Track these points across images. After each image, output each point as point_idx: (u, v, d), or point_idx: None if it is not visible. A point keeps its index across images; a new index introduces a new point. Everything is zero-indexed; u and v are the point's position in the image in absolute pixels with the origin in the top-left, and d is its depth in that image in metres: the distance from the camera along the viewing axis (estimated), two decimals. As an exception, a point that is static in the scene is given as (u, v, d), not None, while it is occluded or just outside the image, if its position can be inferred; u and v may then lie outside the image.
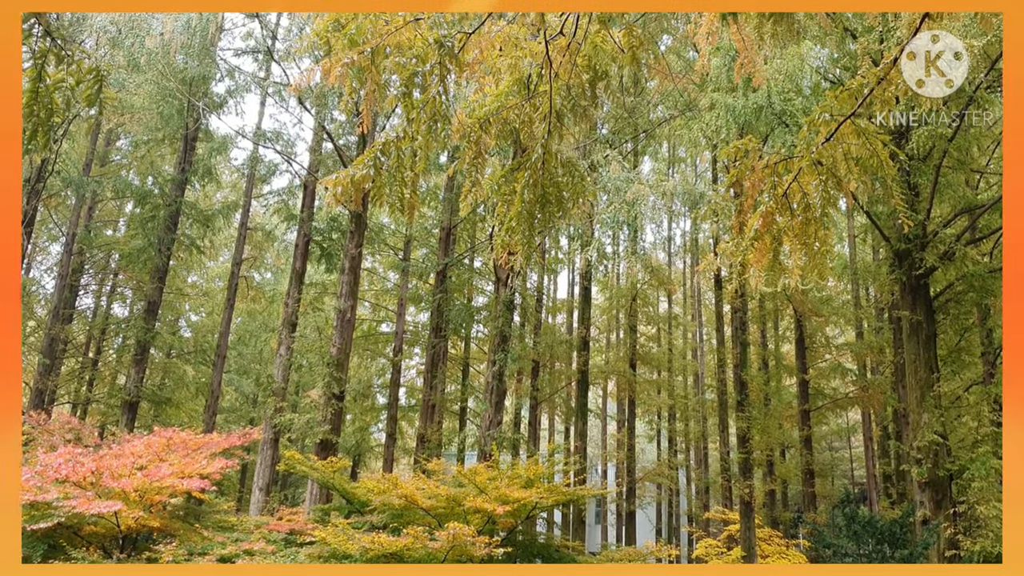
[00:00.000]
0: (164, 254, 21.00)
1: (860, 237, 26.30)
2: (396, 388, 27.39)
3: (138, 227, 22.19)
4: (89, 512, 10.17)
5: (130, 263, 22.79)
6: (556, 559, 13.20)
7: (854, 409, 29.70)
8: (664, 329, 35.80)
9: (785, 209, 6.86)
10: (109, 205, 29.86)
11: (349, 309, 17.67)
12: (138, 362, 20.79)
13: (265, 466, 17.69)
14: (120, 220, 31.09)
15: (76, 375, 30.95)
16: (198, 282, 36.72)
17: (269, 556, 10.87)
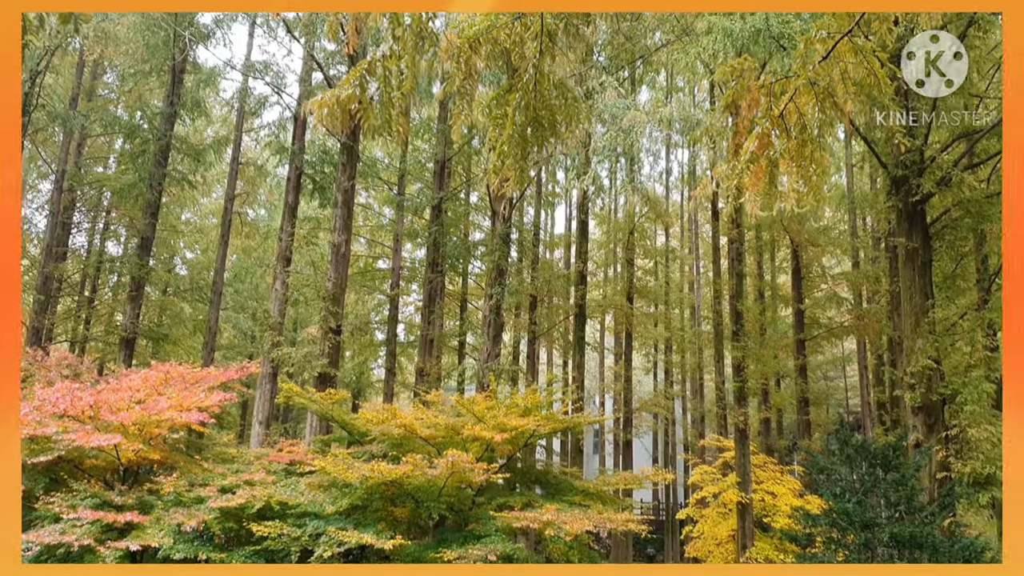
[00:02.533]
0: (156, 190, 20.78)
1: (857, 166, 26.10)
2: (394, 324, 27.43)
3: (128, 162, 21.93)
4: (89, 445, 10.24)
5: (122, 199, 22.59)
6: (554, 485, 13.39)
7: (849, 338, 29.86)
8: (661, 262, 35.78)
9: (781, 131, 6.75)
10: (99, 141, 29.48)
11: (343, 243, 17.58)
12: (134, 299, 20.77)
13: (264, 400, 17.81)
14: (110, 157, 30.72)
15: (72, 314, 30.98)
16: (192, 219, 36.48)
17: (269, 486, 11.00)
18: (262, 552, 10.14)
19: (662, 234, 37.03)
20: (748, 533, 19.25)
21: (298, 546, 10.01)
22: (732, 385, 21.13)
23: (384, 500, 11.51)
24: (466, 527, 11.34)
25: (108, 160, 30.68)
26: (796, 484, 21.74)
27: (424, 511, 11.36)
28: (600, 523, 11.05)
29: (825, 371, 43.69)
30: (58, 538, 9.15)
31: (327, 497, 11.06)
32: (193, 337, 31.93)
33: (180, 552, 9.62)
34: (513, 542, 10.68)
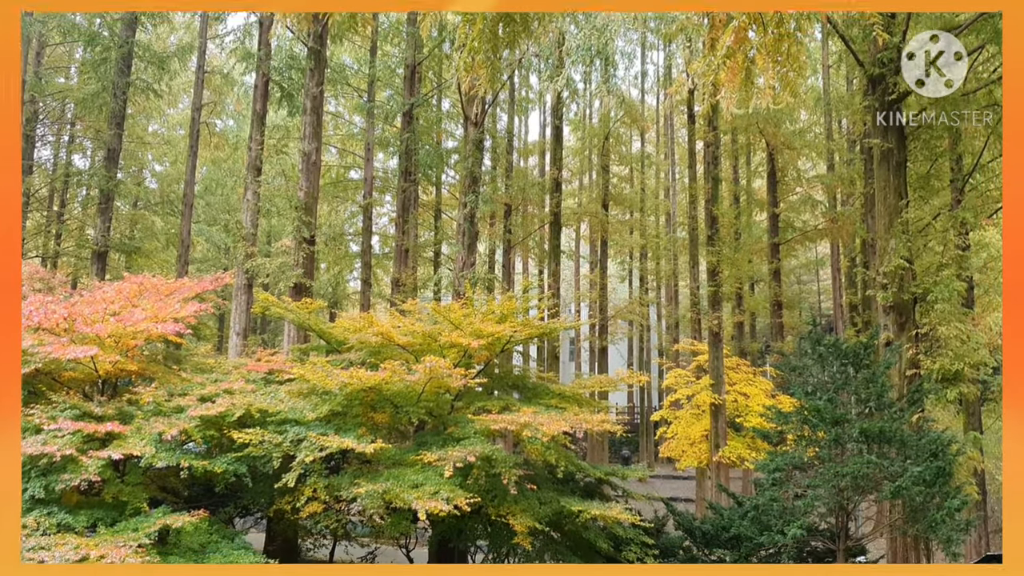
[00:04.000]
0: (120, 99, 20.17)
1: (834, 67, 25.84)
2: (368, 235, 27.27)
3: (90, 72, 21.21)
4: (65, 358, 10.20)
5: (85, 110, 21.95)
6: (531, 389, 13.61)
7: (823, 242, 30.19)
8: (637, 169, 35.62)
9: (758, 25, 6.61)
10: (58, 51, 28.48)
11: (314, 151, 17.27)
12: (103, 212, 20.41)
13: (240, 311, 17.78)
14: (71, 67, 29.75)
15: (42, 229, 30.52)
16: (159, 130, 35.65)
17: (249, 394, 11.07)
18: (244, 458, 10.27)
19: (638, 140, 36.75)
20: (721, 433, 19.77)
21: (280, 452, 10.15)
22: (707, 290, 21.35)
23: (364, 406, 11.65)
24: (445, 431, 11.53)
25: (69, 70, 29.71)
26: (768, 385, 22.27)
27: (404, 416, 11.51)
28: (576, 424, 11.27)
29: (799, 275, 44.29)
30: (40, 448, 9.19)
31: (307, 404, 11.17)
32: (166, 251, 31.65)
33: (162, 460, 9.71)
34: (492, 444, 10.90)
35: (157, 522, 9.25)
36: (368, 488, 9.59)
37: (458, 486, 9.78)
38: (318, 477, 10.40)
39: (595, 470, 12.76)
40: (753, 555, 11.73)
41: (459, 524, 11.53)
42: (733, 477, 21.86)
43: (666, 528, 13.65)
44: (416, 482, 9.90)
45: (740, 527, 11.81)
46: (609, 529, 11.72)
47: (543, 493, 11.18)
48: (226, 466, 10.17)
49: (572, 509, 10.76)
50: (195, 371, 12.44)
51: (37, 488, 9.25)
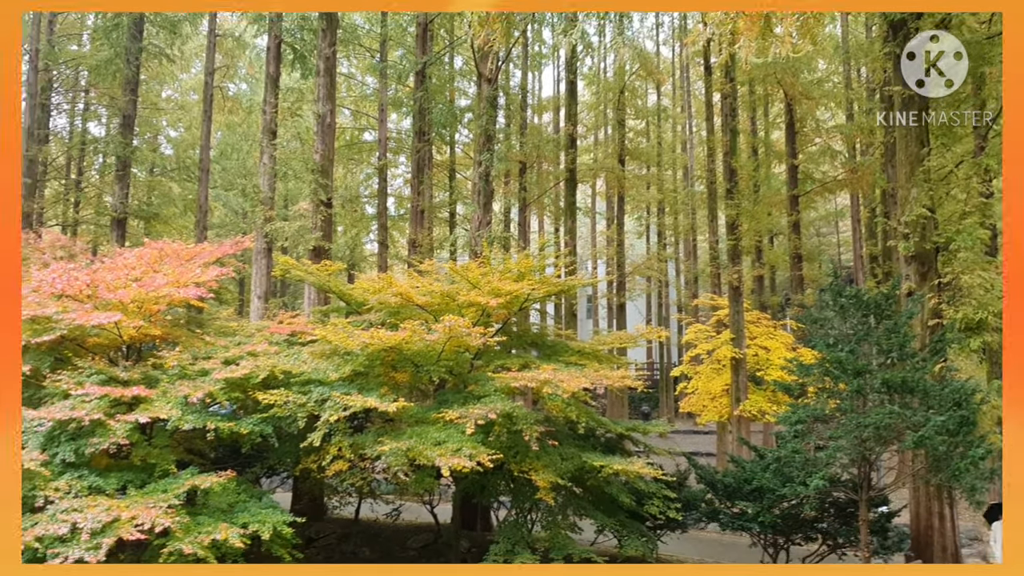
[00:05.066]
0: (133, 64, 20.15)
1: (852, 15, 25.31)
2: (384, 197, 27.27)
3: (102, 38, 21.14)
4: (89, 324, 10.30)
5: (99, 76, 21.92)
6: (549, 347, 13.64)
7: (843, 193, 29.84)
8: (653, 123, 35.26)
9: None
10: (70, 18, 28.36)
11: (328, 113, 17.19)
12: (121, 178, 20.50)
13: (261, 275, 17.88)
14: (83, 34, 29.64)
15: (61, 197, 30.69)
16: (173, 96, 35.62)
17: (272, 356, 11.17)
18: (270, 419, 10.40)
19: (653, 93, 36.31)
20: (742, 387, 19.82)
21: (304, 412, 10.25)
22: (726, 244, 21.25)
23: (385, 366, 11.73)
24: (466, 389, 11.61)
25: (82, 37, 29.62)
26: (789, 339, 22.23)
27: (424, 375, 11.58)
28: (596, 380, 11.31)
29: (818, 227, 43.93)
30: (69, 413, 9.33)
31: (330, 365, 11.25)
32: (184, 216, 31.79)
33: (189, 422, 9.83)
34: (512, 401, 10.96)
35: (186, 483, 9.42)
36: (392, 446, 9.70)
37: (480, 443, 9.87)
38: (342, 436, 10.51)
39: (616, 426, 12.83)
40: (775, 506, 11.81)
41: (482, 480, 11.65)
42: (754, 431, 21.97)
43: (688, 482, 13.75)
44: (438, 439, 9.99)
45: (762, 479, 11.87)
46: (631, 483, 11.82)
47: (564, 449, 11.26)
48: (252, 427, 10.29)
49: (594, 464, 10.84)
50: (218, 335, 12.54)
51: (67, 452, 9.42)
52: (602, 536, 12.69)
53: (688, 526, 13.30)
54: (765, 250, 28.73)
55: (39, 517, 8.58)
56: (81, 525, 8.28)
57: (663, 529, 13.06)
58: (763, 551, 12.61)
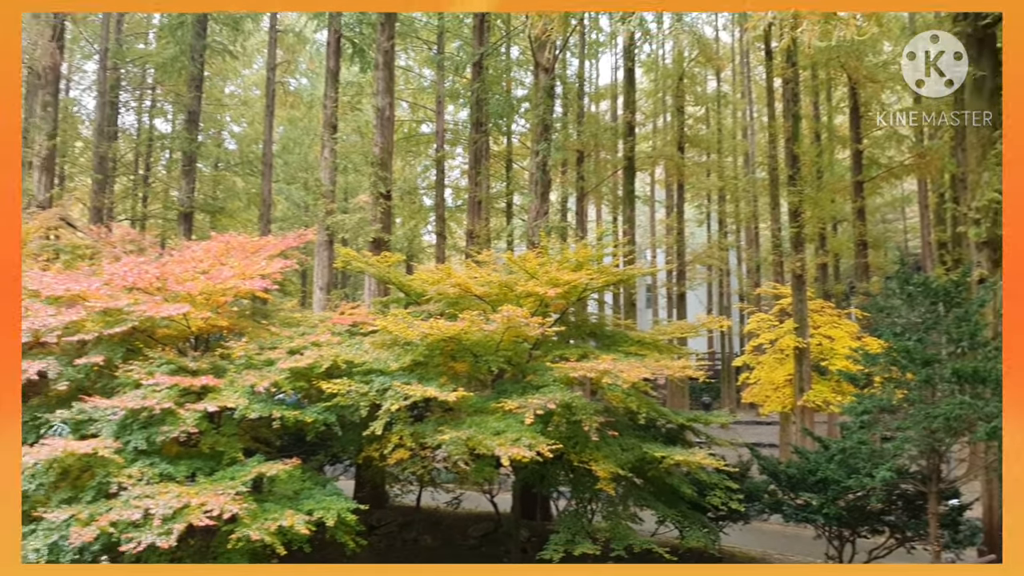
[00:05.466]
0: (197, 62, 20.64)
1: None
2: (441, 188, 27.45)
3: (168, 36, 21.69)
4: (159, 315, 10.62)
5: (165, 74, 22.50)
6: (609, 337, 13.59)
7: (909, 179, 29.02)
8: (713, 109, 34.75)
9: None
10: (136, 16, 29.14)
11: (387, 106, 17.36)
12: (187, 173, 21.03)
13: (323, 267, 18.18)
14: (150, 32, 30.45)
15: (130, 192, 31.64)
16: (236, 91, 36.37)
17: (335, 346, 11.37)
18: (333, 408, 10.59)
19: (713, 79, 35.78)
20: (805, 377, 19.48)
21: (366, 401, 10.41)
22: (788, 231, 20.85)
23: (444, 356, 11.84)
24: (524, 379, 11.64)
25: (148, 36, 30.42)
26: (854, 327, 21.75)
27: (483, 365, 11.66)
28: (657, 370, 11.25)
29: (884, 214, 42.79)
30: (140, 402, 9.64)
31: (390, 355, 11.40)
32: (248, 210, 32.50)
33: (255, 411, 10.06)
34: (570, 391, 10.96)
35: (253, 470, 9.65)
36: (452, 435, 9.79)
37: (539, 433, 9.90)
38: (403, 425, 10.65)
39: (677, 416, 12.74)
40: (840, 498, 11.60)
41: (541, 470, 11.70)
42: (818, 421, 21.58)
43: (750, 473, 13.59)
44: (498, 429, 10.05)
45: (827, 470, 11.67)
46: (693, 474, 11.74)
47: (625, 440, 11.23)
48: (316, 416, 10.51)
49: (655, 455, 10.79)
50: (283, 325, 12.81)
51: (139, 440, 9.73)
52: (663, 527, 12.63)
53: (750, 517, 13.15)
54: (829, 237, 28.11)
55: (113, 503, 8.89)
56: (153, 511, 8.55)
57: (725, 520, 12.95)
58: (828, 543, 12.40)
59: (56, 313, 10.75)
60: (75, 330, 10.76)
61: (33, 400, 11.25)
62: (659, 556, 10.71)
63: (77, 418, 10.08)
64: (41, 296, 11.26)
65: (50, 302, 11.20)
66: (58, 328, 10.57)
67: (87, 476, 9.68)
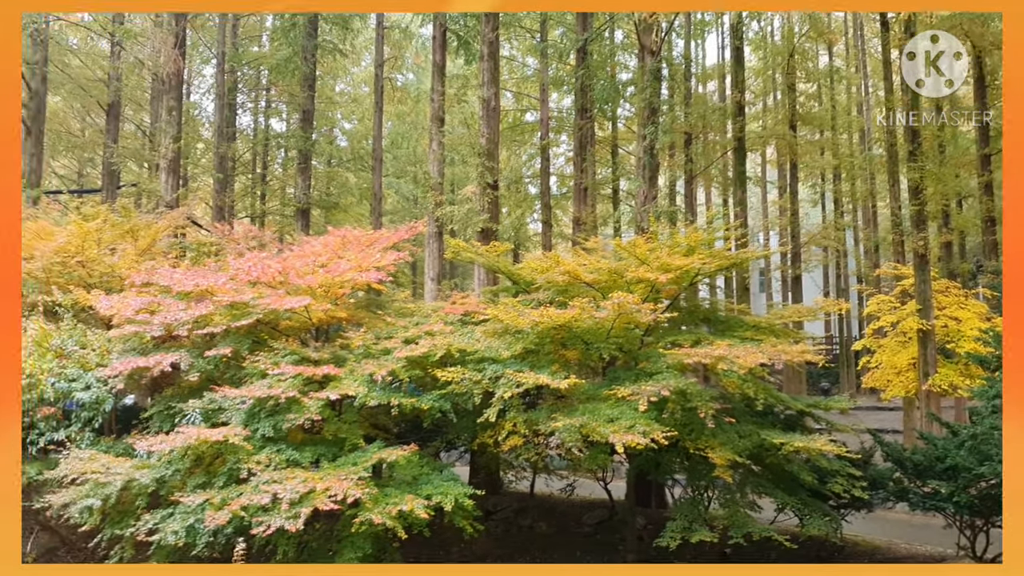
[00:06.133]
0: (310, 62, 21.32)
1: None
2: (546, 176, 27.51)
3: (281, 38, 22.50)
4: (282, 308, 11.08)
5: (279, 75, 23.35)
6: (722, 322, 13.35)
7: (1043, 149, 27.21)
8: (825, 85, 33.54)
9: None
10: (250, 21, 30.34)
11: (493, 97, 17.52)
12: (303, 171, 21.79)
13: (433, 257, 18.54)
14: (263, 35, 31.65)
15: (248, 191, 33.03)
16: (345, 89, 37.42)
17: (448, 335, 11.60)
18: (448, 396, 10.81)
19: (824, 54, 34.49)
20: (930, 360, 18.64)
21: (480, 388, 10.57)
22: (909, 209, 19.95)
23: (555, 344, 11.89)
24: (636, 366, 11.57)
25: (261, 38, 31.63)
26: (982, 308, 20.64)
27: (594, 352, 11.65)
28: (774, 356, 10.98)
29: (1014, 187, 40.35)
30: (267, 392, 10.10)
31: (502, 343, 11.53)
32: (360, 205, 33.44)
33: (374, 399, 10.38)
34: (684, 378, 10.83)
35: (373, 456, 9.97)
36: (565, 422, 9.84)
37: (654, 420, 9.82)
38: (516, 412, 10.76)
39: (795, 402, 12.41)
40: (972, 486, 11.07)
41: (656, 457, 11.62)
42: (944, 406, 20.62)
43: (873, 460, 13.12)
44: (611, 416, 10.03)
45: (956, 457, 11.15)
46: (813, 461, 11.42)
47: (742, 426, 11.03)
48: (432, 403, 10.75)
49: (773, 442, 10.55)
50: (397, 315, 13.13)
51: (266, 427, 10.21)
52: (782, 515, 12.36)
53: (874, 506, 12.69)
54: (953, 214, 26.73)
55: (244, 488, 9.35)
56: (281, 496, 8.94)
57: (847, 508, 12.54)
58: (959, 533, 11.86)
59: (186, 308, 11.39)
60: (204, 323, 11.37)
61: (167, 391, 11.95)
62: (779, 544, 10.49)
63: (208, 407, 10.67)
64: (172, 292, 11.94)
65: (180, 297, 11.86)
66: (188, 322, 11.20)
67: (219, 462, 10.24)
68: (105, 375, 11.24)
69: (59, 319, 12.43)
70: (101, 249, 14.07)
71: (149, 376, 11.18)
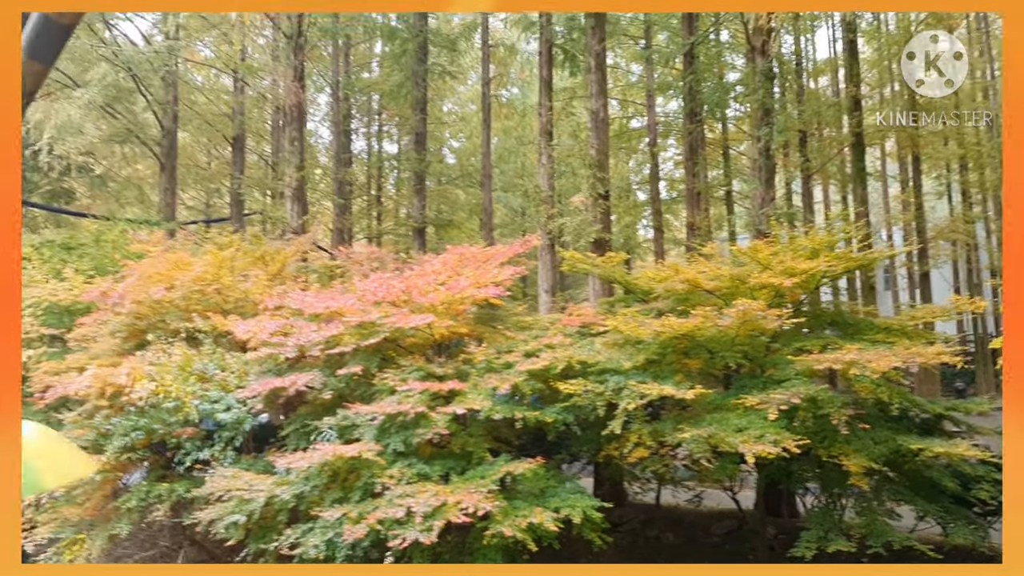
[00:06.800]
0: (421, 86, 21.89)
1: None
2: (656, 182, 27.29)
3: (392, 63, 23.20)
4: (407, 326, 11.37)
5: (391, 100, 24.09)
6: (851, 325, 12.90)
7: None
8: (946, 72, 31.94)
9: None
10: (360, 49, 31.36)
11: (601, 108, 17.53)
12: (418, 191, 22.34)
13: (546, 270, 18.65)
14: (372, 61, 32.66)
15: (365, 212, 34.06)
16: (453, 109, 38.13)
17: (567, 347, 11.65)
18: (570, 408, 10.85)
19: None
20: (1079, 357, 17.45)
21: (603, 400, 10.57)
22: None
23: (677, 353, 11.77)
24: (763, 373, 11.33)
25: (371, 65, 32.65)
26: None
27: (718, 361, 11.47)
28: (908, 359, 10.53)
29: None
30: (396, 407, 10.38)
31: (622, 354, 11.51)
32: (470, 220, 33.97)
33: (498, 413, 10.52)
34: (814, 384, 10.54)
35: (501, 469, 10.10)
36: (693, 433, 9.73)
37: (783, 428, 9.61)
38: (641, 423, 10.70)
39: (933, 406, 11.87)
40: None
41: (787, 466, 11.31)
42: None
43: (1021, 465, 12.39)
44: (739, 426, 9.87)
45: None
46: (954, 467, 10.89)
47: (877, 432, 10.63)
48: (555, 416, 10.81)
49: (911, 447, 10.12)
50: (516, 329, 13.28)
51: (397, 442, 10.50)
52: (922, 523, 11.82)
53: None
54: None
55: (379, 502, 9.63)
56: (415, 509, 9.16)
57: (994, 516, 11.88)
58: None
59: (317, 329, 11.85)
60: (334, 343, 11.80)
61: (300, 409, 12.46)
62: (920, 554, 10.04)
63: (341, 424, 11.05)
64: (303, 314, 12.45)
65: (311, 319, 12.35)
66: (320, 342, 11.65)
67: (354, 477, 10.58)
68: (244, 396, 11.81)
69: (200, 344, 13.13)
70: (235, 276, 14.81)
71: (285, 396, 11.68)
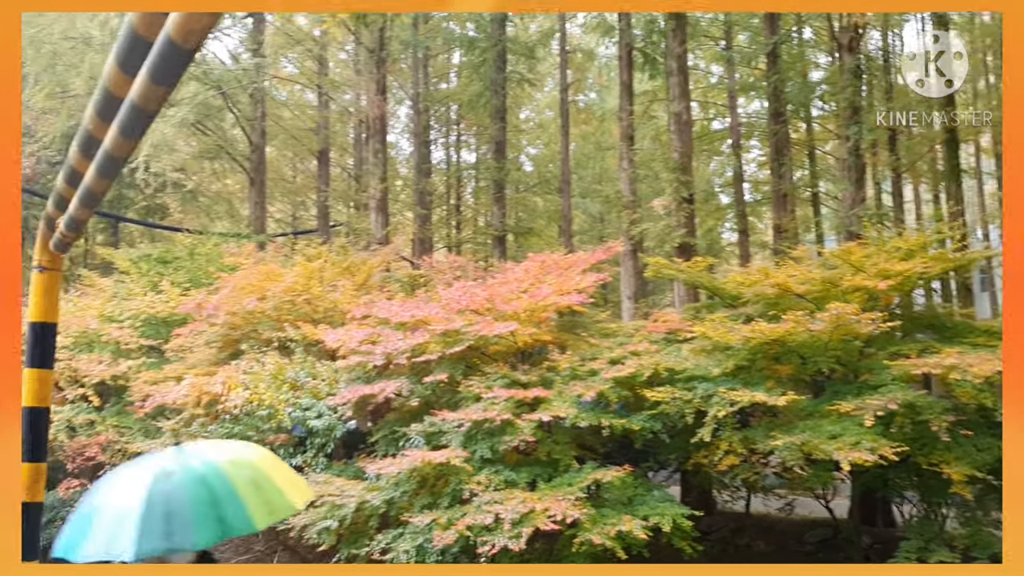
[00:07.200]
0: (500, 95, 22.02)
1: None
2: (739, 183, 26.81)
3: (471, 73, 23.40)
4: (491, 334, 11.44)
5: (471, 109, 24.29)
6: (949, 328, 12.42)
7: None
8: (1046, 62, 30.51)
9: None
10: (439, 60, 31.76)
11: (684, 110, 17.32)
12: (498, 200, 22.46)
13: (629, 276, 18.47)
14: (451, 72, 33.01)
15: (444, 221, 34.42)
16: (531, 116, 38.23)
17: (653, 354, 11.52)
18: (658, 416, 10.72)
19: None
20: None
21: (691, 408, 10.42)
22: None
23: (767, 359, 11.52)
24: (857, 379, 11.03)
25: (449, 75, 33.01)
26: None
27: (810, 366, 11.20)
28: (1013, 362, 10.09)
29: None
30: (482, 415, 10.46)
31: (711, 360, 11.32)
32: (549, 227, 33.96)
33: (584, 420, 10.50)
34: (911, 390, 10.19)
35: (588, 477, 10.07)
36: (785, 440, 9.52)
37: (880, 435, 9.32)
38: (731, 431, 10.52)
39: (1040, 412, 11.31)
40: None
41: (884, 474, 10.94)
42: None
43: None
44: (833, 433, 9.62)
45: None
46: (1066, 476, 10.35)
47: (979, 439, 10.19)
48: (642, 423, 10.71)
49: (1018, 456, 9.68)
50: (600, 336, 13.22)
51: (484, 449, 10.57)
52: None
53: None
54: None
55: (467, 508, 9.71)
56: (503, 516, 9.20)
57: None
58: None
59: (404, 337, 12.02)
60: (420, 351, 11.95)
61: (389, 415, 12.65)
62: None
63: (429, 430, 11.19)
64: (390, 323, 12.66)
65: (397, 328, 12.54)
66: (407, 350, 11.81)
67: (442, 483, 10.68)
68: (335, 403, 12.06)
69: (291, 353, 13.47)
70: (324, 287, 15.16)
71: (374, 403, 11.88)
